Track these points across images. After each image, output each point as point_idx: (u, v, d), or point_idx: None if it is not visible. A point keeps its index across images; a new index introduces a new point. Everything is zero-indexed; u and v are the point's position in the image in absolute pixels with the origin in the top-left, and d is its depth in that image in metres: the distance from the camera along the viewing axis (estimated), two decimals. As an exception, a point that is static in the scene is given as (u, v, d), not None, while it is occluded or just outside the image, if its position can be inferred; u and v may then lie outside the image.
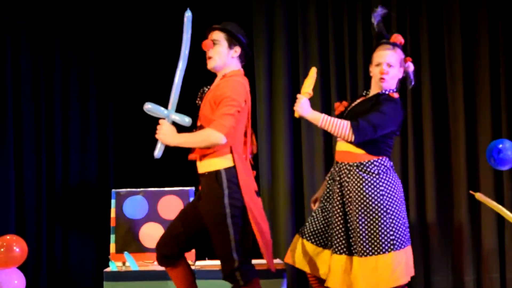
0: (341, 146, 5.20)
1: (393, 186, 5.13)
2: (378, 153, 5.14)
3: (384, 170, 5.13)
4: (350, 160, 5.15)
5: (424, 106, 7.78)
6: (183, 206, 6.26)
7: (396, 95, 5.21)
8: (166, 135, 4.82)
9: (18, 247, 6.87)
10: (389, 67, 5.16)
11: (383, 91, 5.20)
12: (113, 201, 6.70)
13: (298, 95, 5.11)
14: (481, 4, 7.67)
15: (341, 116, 5.26)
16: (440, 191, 7.75)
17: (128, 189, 6.76)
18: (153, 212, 6.68)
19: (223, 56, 4.98)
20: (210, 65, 5.01)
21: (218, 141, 4.77)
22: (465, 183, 7.68)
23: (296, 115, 5.11)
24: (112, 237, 6.61)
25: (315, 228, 5.28)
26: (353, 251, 5.09)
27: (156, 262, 6.28)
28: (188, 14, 4.84)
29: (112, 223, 6.66)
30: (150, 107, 4.85)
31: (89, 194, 8.00)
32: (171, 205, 6.67)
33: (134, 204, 6.63)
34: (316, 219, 5.31)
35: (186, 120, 4.85)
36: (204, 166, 4.93)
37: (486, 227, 7.62)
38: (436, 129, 7.79)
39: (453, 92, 7.72)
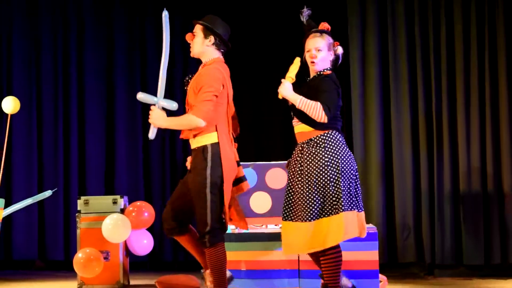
0: (297, 129, 5.31)
1: (339, 157, 5.17)
2: (325, 127, 5.22)
3: (330, 142, 5.20)
4: (304, 139, 5.25)
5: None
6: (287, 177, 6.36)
7: (328, 72, 5.33)
8: (157, 119, 5.20)
9: (147, 211, 7.33)
10: (317, 51, 5.27)
11: (318, 73, 5.34)
12: None
13: (282, 80, 5.26)
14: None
15: (287, 101, 5.30)
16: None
17: (242, 162, 6.62)
18: (261, 182, 6.69)
19: (199, 44, 5.37)
20: (191, 53, 5.42)
21: (198, 124, 5.17)
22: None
23: (280, 96, 5.25)
24: None
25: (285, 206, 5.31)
26: (313, 217, 5.11)
27: (264, 226, 6.62)
28: (165, 13, 5.18)
29: None
30: (142, 96, 5.22)
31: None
32: (277, 176, 6.69)
33: (248, 174, 6.44)
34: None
35: (173, 105, 5.27)
36: (195, 143, 5.29)
37: None
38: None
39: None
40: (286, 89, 5.22)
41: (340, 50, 5.43)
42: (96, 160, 9.22)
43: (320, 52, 5.30)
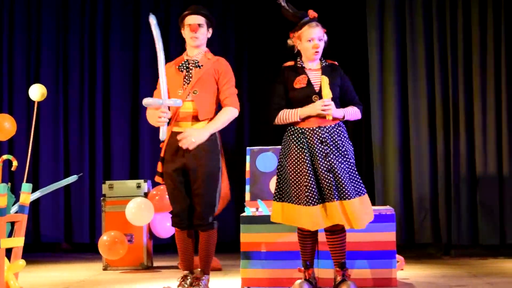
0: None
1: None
2: None
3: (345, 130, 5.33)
4: (329, 123, 5.23)
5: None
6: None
7: (332, 61, 5.43)
8: (198, 137, 5.17)
9: (169, 195, 7.44)
10: (319, 40, 5.32)
11: (327, 62, 5.37)
12: (247, 157, 6.76)
13: (325, 100, 5.17)
14: None
15: (304, 91, 5.26)
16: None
17: (260, 147, 6.84)
18: (281, 166, 6.84)
19: (205, 35, 5.39)
20: (196, 43, 5.35)
21: (236, 114, 5.36)
22: None
23: (330, 117, 5.19)
24: (247, 187, 6.69)
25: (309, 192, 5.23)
26: (353, 194, 5.15)
27: None
28: (152, 18, 5.12)
29: (247, 176, 6.73)
30: (148, 101, 5.15)
31: (228, 151, 8.38)
32: (296, 160, 6.84)
33: (265, 159, 6.69)
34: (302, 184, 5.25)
35: (177, 103, 5.17)
36: (198, 127, 5.23)
37: None
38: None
39: None
40: (334, 110, 5.22)
41: (326, 37, 5.42)
42: (120, 145, 9.27)
43: (321, 41, 5.33)
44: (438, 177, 8.13)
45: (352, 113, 5.35)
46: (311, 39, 5.29)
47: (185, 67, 5.34)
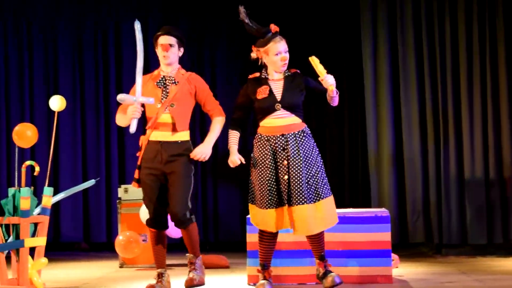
0: (287, 121, 5.28)
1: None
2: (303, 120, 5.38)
3: (310, 137, 5.35)
4: (295, 129, 5.28)
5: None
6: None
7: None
8: (205, 151, 5.40)
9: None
10: (285, 53, 5.30)
11: (290, 71, 5.37)
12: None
13: (327, 75, 5.18)
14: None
15: (266, 100, 5.30)
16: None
17: None
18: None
19: (176, 54, 5.50)
20: (167, 61, 5.47)
21: (224, 121, 5.53)
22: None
23: (332, 88, 5.18)
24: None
25: (270, 195, 5.25)
26: (307, 200, 5.18)
27: None
28: (137, 24, 5.36)
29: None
30: (122, 97, 5.32)
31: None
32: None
33: None
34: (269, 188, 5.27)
35: (150, 100, 5.34)
36: (178, 136, 5.39)
37: None
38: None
39: None
40: (332, 81, 5.22)
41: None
42: (134, 151, 9.19)
43: (287, 53, 5.35)
44: (429, 180, 8.11)
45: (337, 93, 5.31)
46: (278, 53, 5.32)
47: (162, 84, 5.47)
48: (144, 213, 7.05)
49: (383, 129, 8.25)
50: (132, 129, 5.34)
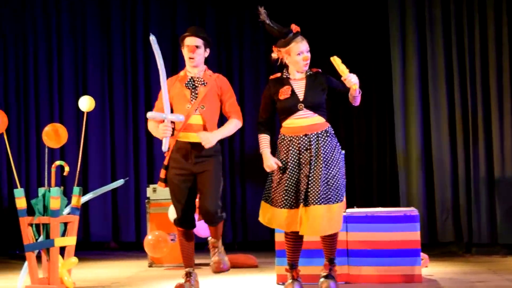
0: (311, 121, 5.27)
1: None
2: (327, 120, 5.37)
3: (333, 137, 5.34)
4: (318, 129, 5.26)
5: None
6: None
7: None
8: (210, 139, 5.28)
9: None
10: (307, 52, 5.31)
11: (311, 71, 5.36)
12: None
13: (350, 74, 5.15)
14: None
15: (288, 100, 5.29)
16: None
17: None
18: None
19: (202, 56, 5.46)
20: (193, 63, 5.43)
21: (240, 126, 5.51)
22: None
23: (355, 87, 5.15)
24: None
25: (286, 195, 5.26)
26: (322, 201, 5.16)
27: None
28: (152, 38, 5.17)
29: None
30: (151, 114, 5.28)
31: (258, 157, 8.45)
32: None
33: None
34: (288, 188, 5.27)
35: (180, 118, 5.28)
36: None
37: None
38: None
39: None
40: (355, 80, 5.19)
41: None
42: (161, 151, 9.28)
43: (309, 53, 5.35)
44: (458, 179, 8.07)
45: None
46: (300, 53, 5.31)
47: (191, 85, 5.44)
48: (172, 213, 7.08)
49: (412, 129, 8.22)
50: (165, 147, 5.31)
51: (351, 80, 5.17)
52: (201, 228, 7.35)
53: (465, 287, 5.63)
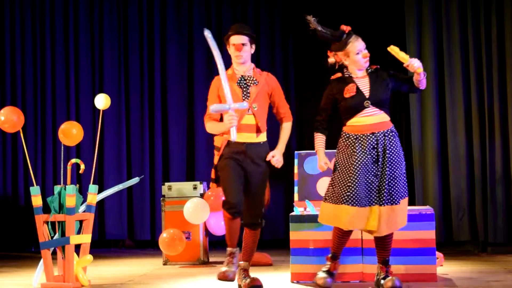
0: (377, 118, 5.26)
1: None
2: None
3: (397, 135, 5.33)
4: (384, 128, 5.27)
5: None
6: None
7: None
8: (281, 158, 5.33)
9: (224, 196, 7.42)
10: (365, 49, 5.33)
11: (371, 68, 5.37)
12: (296, 160, 6.72)
13: (412, 59, 5.17)
14: None
15: (354, 98, 5.27)
16: None
17: (307, 151, 6.79)
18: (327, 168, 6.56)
19: (249, 52, 5.40)
20: (240, 60, 5.36)
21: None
22: None
23: (420, 70, 5.16)
24: (296, 189, 6.65)
25: (351, 192, 5.20)
26: (385, 202, 5.17)
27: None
28: (206, 33, 5.10)
29: (295, 178, 6.69)
30: (215, 107, 5.16)
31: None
32: (341, 163, 6.80)
33: (312, 162, 6.56)
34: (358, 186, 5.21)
35: (244, 105, 5.20)
36: (261, 137, 5.33)
37: None
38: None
39: None
40: (418, 64, 5.20)
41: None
42: (178, 149, 9.33)
43: (366, 49, 5.35)
44: (474, 178, 8.04)
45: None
46: (359, 51, 5.31)
47: (243, 84, 5.36)
48: (187, 210, 7.09)
49: (428, 126, 8.21)
50: (233, 137, 5.17)
51: (414, 65, 5.18)
52: (216, 227, 7.37)
53: (481, 286, 5.59)
